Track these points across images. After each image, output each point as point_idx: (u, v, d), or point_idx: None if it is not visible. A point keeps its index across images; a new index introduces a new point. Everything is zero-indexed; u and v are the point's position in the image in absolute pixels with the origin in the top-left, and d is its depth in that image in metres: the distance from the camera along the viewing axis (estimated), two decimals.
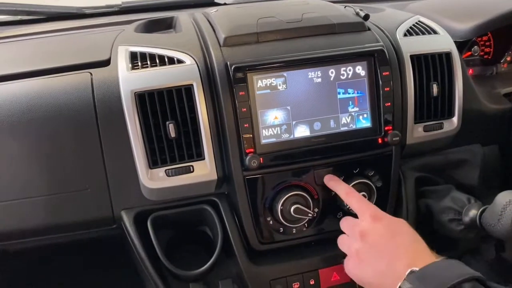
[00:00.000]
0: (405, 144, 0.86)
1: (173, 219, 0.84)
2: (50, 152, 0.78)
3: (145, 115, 0.74)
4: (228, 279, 0.84)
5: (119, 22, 1.12)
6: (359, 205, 0.75)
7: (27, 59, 0.91)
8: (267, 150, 0.77)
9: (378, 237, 0.70)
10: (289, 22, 0.82)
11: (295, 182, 0.80)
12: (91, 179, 0.79)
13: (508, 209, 0.70)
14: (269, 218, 0.81)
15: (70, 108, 0.77)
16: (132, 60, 0.78)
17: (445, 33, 0.91)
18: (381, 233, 0.70)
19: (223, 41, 0.79)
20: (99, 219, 0.82)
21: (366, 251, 0.70)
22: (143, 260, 0.81)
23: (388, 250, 0.68)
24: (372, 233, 0.70)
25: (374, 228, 0.71)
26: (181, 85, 0.75)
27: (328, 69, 0.78)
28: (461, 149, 0.98)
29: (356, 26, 0.85)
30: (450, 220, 0.84)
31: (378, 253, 0.68)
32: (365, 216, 0.72)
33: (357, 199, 0.76)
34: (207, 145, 0.76)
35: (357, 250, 0.71)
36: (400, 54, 0.84)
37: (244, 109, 0.75)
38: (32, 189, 0.79)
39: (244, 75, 0.75)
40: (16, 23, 1.19)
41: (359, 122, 0.81)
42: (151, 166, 0.75)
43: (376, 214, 0.72)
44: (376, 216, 0.72)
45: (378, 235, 0.70)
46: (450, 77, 0.86)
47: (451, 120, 0.88)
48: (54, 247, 0.89)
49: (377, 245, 0.69)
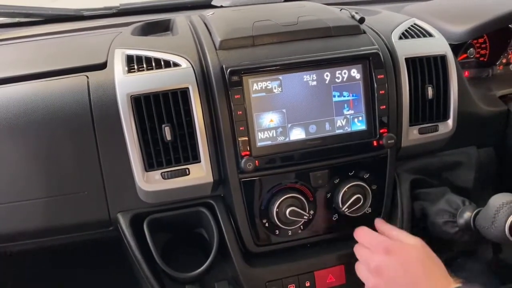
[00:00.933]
0: (400, 147, 0.86)
1: (169, 222, 0.85)
2: (47, 155, 0.78)
3: (141, 118, 0.74)
4: (224, 281, 0.84)
5: (117, 24, 1.12)
6: (370, 240, 0.77)
7: (24, 62, 0.91)
8: (262, 152, 0.78)
9: (393, 273, 0.71)
10: (284, 25, 0.82)
11: (291, 184, 0.81)
12: (87, 182, 0.80)
13: (501, 212, 0.70)
14: (265, 220, 0.82)
15: (66, 111, 0.78)
16: (128, 63, 0.78)
17: (440, 36, 0.91)
18: (395, 268, 0.71)
19: (219, 44, 0.80)
20: (96, 221, 0.83)
21: (384, 286, 0.72)
22: (140, 262, 0.82)
23: (405, 284, 0.70)
24: (386, 269, 0.72)
25: (388, 263, 0.72)
26: (177, 88, 0.75)
27: (323, 72, 0.79)
28: (456, 152, 0.98)
29: (352, 29, 0.85)
30: (444, 223, 0.84)
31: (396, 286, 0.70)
32: (378, 251, 0.74)
33: (368, 235, 0.79)
34: (203, 148, 0.77)
35: (374, 285, 0.73)
36: (395, 57, 0.84)
37: (240, 112, 0.76)
38: (29, 191, 0.79)
39: (240, 78, 0.76)
40: (14, 25, 1.20)
41: (354, 125, 0.81)
42: (147, 169, 0.76)
43: (389, 246, 0.73)
44: (390, 249, 0.73)
45: (393, 270, 0.71)
46: (445, 79, 0.87)
47: (446, 123, 0.89)
48: (51, 249, 0.89)
49: (392, 281, 0.71)
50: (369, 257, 0.75)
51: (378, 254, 0.74)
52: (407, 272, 0.70)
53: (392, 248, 0.73)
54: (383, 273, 0.72)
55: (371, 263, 0.74)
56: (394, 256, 0.72)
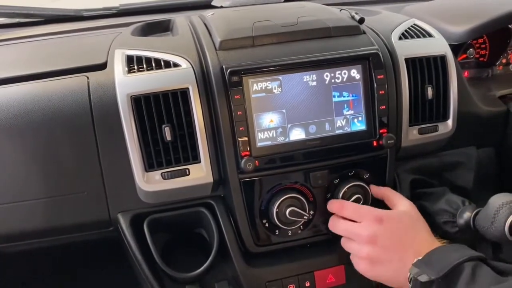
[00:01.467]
0: (400, 147, 0.86)
1: (169, 222, 0.85)
2: (47, 155, 0.78)
3: (141, 119, 0.75)
4: (224, 281, 0.84)
5: (117, 25, 1.12)
6: (357, 212, 0.78)
7: (24, 63, 0.91)
8: (262, 153, 0.78)
9: (386, 240, 0.73)
10: (284, 25, 0.82)
11: (291, 184, 0.81)
12: (87, 182, 0.80)
13: (501, 212, 0.70)
14: (265, 220, 0.82)
15: (66, 111, 0.78)
16: (128, 64, 0.78)
17: (440, 36, 0.91)
18: (387, 235, 0.73)
19: (218, 45, 0.80)
20: (96, 221, 0.83)
21: (377, 254, 0.73)
22: (140, 262, 0.82)
23: (397, 248, 0.72)
24: (381, 237, 0.73)
25: (381, 231, 0.74)
26: (177, 88, 0.75)
27: (323, 73, 0.79)
28: (456, 152, 0.98)
29: (351, 29, 0.85)
30: (444, 223, 0.84)
31: (389, 253, 0.72)
32: (367, 221, 0.75)
33: (352, 207, 0.79)
34: (203, 148, 0.77)
35: (368, 254, 0.74)
36: (395, 57, 0.84)
37: (240, 112, 0.76)
38: (29, 192, 0.79)
39: (240, 78, 0.76)
40: (14, 25, 1.20)
41: (354, 125, 0.81)
42: (147, 169, 0.76)
43: (377, 216, 0.75)
44: (379, 217, 0.75)
45: (387, 238, 0.73)
46: (445, 80, 0.87)
47: (446, 123, 0.89)
48: (52, 249, 0.89)
49: (387, 247, 0.73)
50: (361, 228, 0.76)
51: (370, 224, 0.75)
52: (400, 239, 0.73)
53: (383, 216, 0.75)
54: (378, 241, 0.73)
55: (364, 233, 0.74)
56: (387, 224, 0.74)
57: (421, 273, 0.65)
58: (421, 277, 0.65)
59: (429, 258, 0.68)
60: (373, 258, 0.74)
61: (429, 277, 0.64)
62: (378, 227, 0.74)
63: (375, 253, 0.73)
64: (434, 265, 0.65)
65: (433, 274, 0.64)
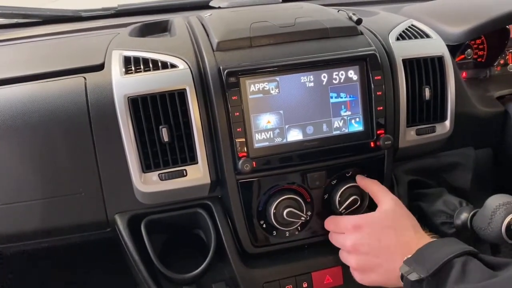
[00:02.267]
0: (398, 148, 0.86)
1: (167, 223, 0.85)
2: (44, 156, 0.78)
3: (139, 120, 0.75)
4: (222, 282, 0.84)
5: (115, 25, 1.12)
6: (337, 225, 0.80)
7: (22, 63, 0.91)
8: (260, 154, 0.78)
9: (367, 246, 0.74)
10: (282, 26, 0.82)
11: (288, 185, 0.81)
12: (84, 183, 0.80)
13: (497, 213, 0.71)
14: (262, 221, 0.82)
15: (64, 112, 0.78)
16: (125, 65, 0.78)
17: (437, 37, 0.91)
18: (368, 242, 0.74)
19: (216, 46, 0.80)
20: (93, 222, 0.83)
21: (364, 263, 0.74)
22: (137, 263, 0.82)
23: (382, 254, 0.72)
24: (360, 244, 0.74)
25: (360, 238, 0.75)
26: (174, 89, 0.75)
27: (320, 74, 0.79)
28: (453, 152, 0.99)
29: (349, 30, 0.85)
30: (442, 223, 0.85)
31: (375, 260, 0.73)
32: (348, 231, 0.77)
33: (332, 220, 0.81)
34: (200, 149, 0.77)
35: (356, 264, 0.75)
36: (392, 58, 0.84)
37: (237, 113, 0.76)
38: (26, 193, 0.79)
39: (237, 79, 0.76)
40: (12, 26, 1.20)
41: (352, 126, 0.81)
42: (145, 170, 0.76)
43: (356, 222, 0.76)
44: (357, 224, 0.76)
45: (366, 244, 0.74)
46: (443, 81, 0.87)
47: (444, 124, 0.89)
48: (49, 250, 0.89)
49: (370, 254, 0.73)
50: (342, 239, 0.78)
51: (348, 233, 0.76)
52: (381, 241, 0.73)
53: (360, 222, 0.76)
54: (359, 249, 0.74)
55: (346, 245, 0.76)
56: (364, 229, 0.75)
57: (411, 271, 0.65)
58: (411, 275, 0.64)
59: (420, 255, 0.67)
60: (362, 266, 0.74)
61: (419, 276, 0.63)
62: (357, 236, 0.75)
63: (361, 261, 0.74)
64: (424, 262, 0.65)
65: (423, 272, 0.63)
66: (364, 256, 0.74)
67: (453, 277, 0.62)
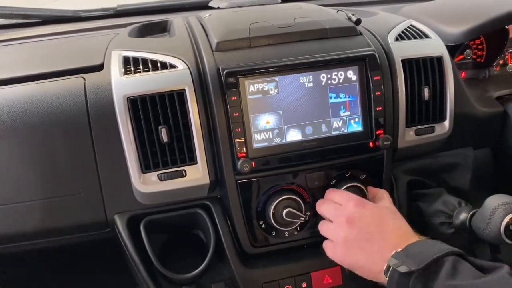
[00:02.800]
0: (397, 148, 0.87)
1: (166, 223, 0.85)
2: (43, 156, 0.78)
3: (138, 120, 0.75)
4: (221, 282, 0.84)
5: (114, 26, 1.12)
6: (342, 196, 0.77)
7: (21, 64, 0.91)
8: (259, 154, 0.78)
9: (365, 223, 0.72)
10: (281, 27, 0.82)
11: (287, 186, 0.81)
12: (84, 183, 0.80)
13: (496, 213, 0.71)
14: (262, 221, 0.82)
15: (63, 112, 0.78)
16: (125, 65, 0.78)
17: (436, 37, 0.91)
18: (368, 220, 0.72)
19: (215, 46, 0.80)
20: (93, 223, 0.83)
21: (355, 237, 0.72)
22: (136, 264, 0.82)
23: (377, 235, 0.71)
24: (359, 219, 0.72)
25: (361, 214, 0.73)
26: (173, 90, 0.75)
27: (319, 74, 0.79)
28: (453, 153, 0.99)
29: (348, 30, 0.85)
30: (441, 223, 0.85)
31: (367, 238, 0.71)
32: (349, 204, 0.75)
33: (339, 192, 0.79)
34: (199, 149, 0.77)
35: (345, 237, 0.72)
36: (391, 58, 0.84)
37: (236, 113, 0.76)
38: (26, 193, 0.79)
39: (236, 80, 0.76)
40: (11, 26, 1.20)
41: (351, 126, 0.81)
42: (144, 171, 0.76)
43: (360, 201, 0.75)
44: (360, 202, 0.75)
45: (365, 221, 0.72)
46: (442, 81, 0.87)
47: (443, 124, 0.89)
48: (48, 250, 0.89)
49: (366, 231, 0.71)
50: (340, 210, 0.75)
51: (350, 207, 0.74)
52: (381, 222, 0.72)
53: (363, 202, 0.75)
54: (355, 223, 0.72)
55: (342, 215, 0.73)
56: (366, 208, 0.74)
57: (401, 264, 0.64)
58: (401, 267, 0.64)
59: (409, 251, 0.66)
60: (350, 242, 0.72)
61: (408, 268, 0.63)
62: (358, 210, 0.73)
63: (352, 235, 0.72)
64: (414, 257, 0.64)
65: (413, 265, 0.63)
66: (357, 231, 0.71)
67: (444, 273, 0.61)
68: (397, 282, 0.64)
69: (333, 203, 0.78)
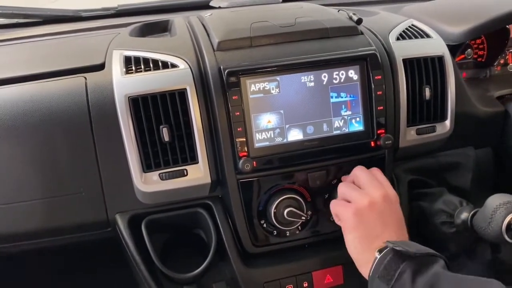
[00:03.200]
0: (398, 147, 0.87)
1: (167, 222, 0.85)
2: (44, 155, 0.78)
3: (139, 119, 0.75)
4: (222, 282, 0.85)
5: (115, 25, 1.12)
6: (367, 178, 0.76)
7: (22, 63, 0.91)
8: (260, 153, 0.78)
9: (382, 208, 0.71)
10: (282, 26, 0.82)
11: (289, 185, 0.81)
12: (85, 183, 0.80)
13: (498, 213, 0.71)
14: (263, 221, 0.82)
15: (64, 112, 0.78)
16: (126, 65, 0.78)
17: (437, 37, 0.91)
18: (385, 206, 0.72)
19: (216, 45, 0.80)
20: (94, 222, 0.83)
21: (370, 219, 0.71)
22: (138, 263, 0.82)
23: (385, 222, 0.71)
24: (379, 203, 0.72)
25: (381, 199, 0.72)
26: (174, 89, 0.75)
27: (321, 73, 0.79)
28: (454, 152, 0.99)
29: (349, 30, 0.85)
30: (442, 223, 0.85)
31: (376, 222, 0.70)
32: (372, 186, 0.74)
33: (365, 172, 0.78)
34: (201, 148, 0.77)
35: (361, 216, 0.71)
36: (392, 58, 0.84)
37: (238, 113, 0.76)
38: (27, 192, 0.79)
39: (238, 79, 0.76)
40: (12, 26, 1.20)
41: (352, 126, 0.81)
42: (145, 170, 0.76)
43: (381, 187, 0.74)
44: (381, 188, 0.74)
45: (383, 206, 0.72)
46: (443, 80, 0.87)
47: (444, 123, 0.89)
48: (49, 249, 0.89)
49: (380, 215, 0.71)
50: (362, 193, 0.73)
51: (372, 190, 0.73)
52: (394, 214, 0.72)
53: (383, 189, 0.74)
54: (376, 206, 0.71)
55: (365, 198, 0.72)
56: (385, 196, 0.73)
57: (400, 245, 0.64)
58: (398, 247, 0.63)
59: (407, 242, 0.67)
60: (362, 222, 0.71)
61: (406, 250, 0.63)
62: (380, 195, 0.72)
63: (369, 217, 0.71)
64: (411, 246, 0.65)
65: (411, 249, 0.63)
66: (375, 214, 0.71)
67: (438, 264, 0.62)
68: (385, 266, 0.64)
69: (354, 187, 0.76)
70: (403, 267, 0.63)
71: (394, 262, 0.64)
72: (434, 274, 0.61)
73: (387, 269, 0.64)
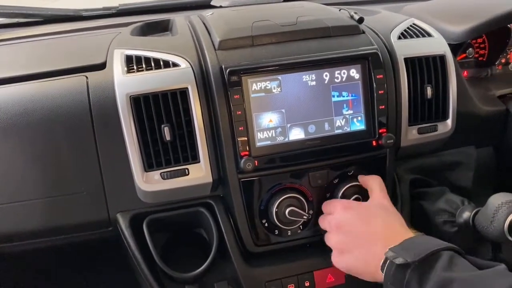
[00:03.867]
0: (400, 147, 0.86)
1: (169, 222, 0.85)
2: (46, 155, 0.78)
3: (141, 119, 0.74)
4: (224, 281, 0.84)
5: (116, 25, 1.12)
6: (330, 205, 0.79)
7: (23, 63, 0.91)
8: (262, 153, 0.78)
9: (351, 226, 0.73)
10: (283, 25, 0.82)
11: (290, 184, 0.81)
12: (86, 182, 0.80)
13: (500, 212, 0.71)
14: (264, 220, 0.82)
15: (65, 111, 0.78)
16: (127, 64, 0.78)
17: (439, 36, 0.91)
18: (354, 222, 0.74)
19: (218, 45, 0.80)
20: (95, 221, 0.83)
21: (344, 242, 0.74)
22: (139, 262, 0.82)
23: (364, 237, 0.72)
24: (345, 223, 0.74)
25: (346, 218, 0.74)
26: (176, 88, 0.75)
27: (322, 72, 0.79)
28: (455, 151, 0.99)
29: (351, 29, 0.85)
30: (444, 222, 0.85)
31: (356, 241, 0.72)
32: (336, 210, 0.76)
33: (328, 202, 0.81)
34: (202, 148, 0.77)
35: (337, 243, 0.75)
36: (394, 57, 0.84)
37: (239, 112, 0.76)
38: (28, 192, 0.79)
39: (239, 78, 0.76)
40: (13, 25, 1.20)
41: (354, 125, 0.81)
42: (147, 169, 0.76)
43: (346, 204, 0.76)
44: (347, 206, 0.76)
45: (351, 224, 0.74)
46: (444, 79, 0.87)
47: (445, 123, 0.89)
48: (51, 249, 0.89)
49: (352, 234, 0.73)
50: (330, 218, 0.77)
51: (336, 213, 0.76)
52: (367, 225, 0.72)
53: (350, 205, 0.76)
54: (343, 227, 0.74)
55: (332, 223, 0.76)
56: (352, 211, 0.75)
57: (397, 256, 0.64)
58: (397, 259, 0.63)
59: (405, 245, 0.66)
60: (341, 247, 0.74)
61: (405, 260, 0.63)
62: (344, 215, 0.75)
63: (342, 241, 0.74)
64: (410, 251, 0.64)
65: (409, 257, 0.63)
66: (345, 235, 0.73)
67: (440, 265, 0.61)
68: (393, 275, 0.64)
69: (326, 215, 0.80)
70: (408, 277, 0.63)
71: (399, 275, 0.64)
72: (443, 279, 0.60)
73: (396, 277, 0.64)
